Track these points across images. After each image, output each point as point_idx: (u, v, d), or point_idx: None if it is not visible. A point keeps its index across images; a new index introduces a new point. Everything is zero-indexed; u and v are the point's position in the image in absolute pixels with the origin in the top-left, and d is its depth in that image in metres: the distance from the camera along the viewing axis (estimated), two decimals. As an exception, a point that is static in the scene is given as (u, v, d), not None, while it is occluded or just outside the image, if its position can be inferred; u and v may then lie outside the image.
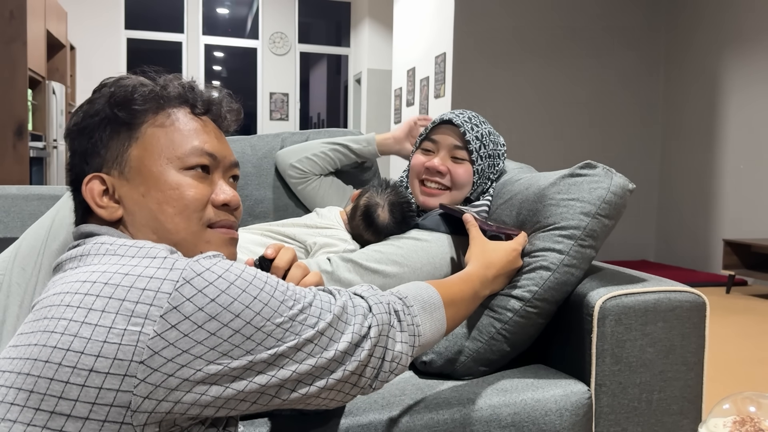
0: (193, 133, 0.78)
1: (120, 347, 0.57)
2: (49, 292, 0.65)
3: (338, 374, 0.68)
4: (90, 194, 0.75)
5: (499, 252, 1.12)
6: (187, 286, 0.61)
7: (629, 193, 1.19)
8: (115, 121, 0.76)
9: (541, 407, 1.07)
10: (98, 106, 0.77)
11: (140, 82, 0.79)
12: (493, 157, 1.42)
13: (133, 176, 0.76)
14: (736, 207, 5.26)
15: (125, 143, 0.76)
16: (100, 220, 0.77)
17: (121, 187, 0.76)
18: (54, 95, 5.11)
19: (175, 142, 0.77)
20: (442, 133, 1.40)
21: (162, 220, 0.75)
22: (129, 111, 0.76)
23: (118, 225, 0.76)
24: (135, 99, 0.77)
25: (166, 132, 0.77)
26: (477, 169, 1.39)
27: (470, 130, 1.37)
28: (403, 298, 0.79)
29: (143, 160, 0.76)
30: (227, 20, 9.54)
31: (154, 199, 0.75)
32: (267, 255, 0.84)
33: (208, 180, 0.79)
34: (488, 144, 1.40)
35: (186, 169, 0.77)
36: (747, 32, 5.17)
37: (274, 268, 0.84)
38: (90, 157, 0.77)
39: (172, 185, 0.75)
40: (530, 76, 5.79)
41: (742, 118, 5.20)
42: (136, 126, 0.77)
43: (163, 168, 0.76)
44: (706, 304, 1.17)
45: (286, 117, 9.20)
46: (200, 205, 0.77)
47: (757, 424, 0.64)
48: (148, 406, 0.58)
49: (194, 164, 0.77)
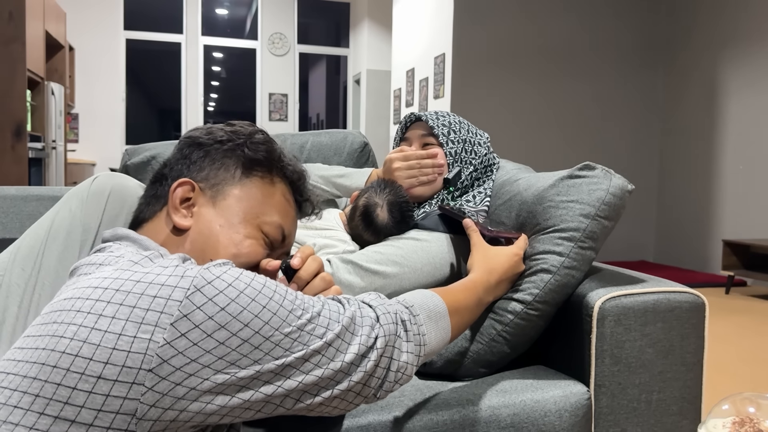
0: (284, 210, 0.87)
1: (129, 355, 0.57)
2: (61, 296, 0.65)
3: (344, 384, 0.68)
4: (175, 194, 0.81)
5: (501, 257, 1.12)
6: (198, 294, 0.61)
7: (628, 194, 1.19)
8: (237, 158, 0.85)
9: (541, 408, 1.07)
10: (228, 137, 0.86)
11: (273, 142, 0.89)
12: (469, 142, 1.45)
13: (222, 207, 0.82)
14: (735, 208, 5.26)
15: (233, 179, 0.84)
16: (159, 223, 0.81)
17: (204, 206, 0.82)
18: (53, 96, 5.11)
19: (268, 206, 0.85)
20: (411, 129, 1.50)
21: (221, 254, 0.80)
22: (253, 158, 0.85)
23: (180, 233, 0.81)
24: (265, 152, 0.86)
25: (269, 193, 0.86)
26: (450, 152, 1.43)
27: (435, 120, 1.45)
28: (410, 307, 0.80)
29: (239, 202, 0.83)
30: (226, 21, 9.54)
31: (226, 236, 0.81)
32: (294, 265, 0.85)
33: (267, 249, 0.86)
34: (458, 130, 1.45)
35: (261, 231, 0.84)
36: (745, 32, 5.18)
37: (297, 278, 0.85)
38: (195, 167, 0.84)
39: (245, 234, 0.82)
40: (529, 76, 5.79)
41: (741, 119, 5.20)
42: (249, 173, 0.85)
43: (247, 217, 0.83)
44: (705, 304, 1.17)
45: (285, 118, 9.20)
46: (251, 262, 0.83)
47: (757, 425, 0.64)
48: (154, 414, 0.58)
49: (268, 233, 0.85)
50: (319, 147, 1.75)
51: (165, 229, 0.81)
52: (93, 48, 8.01)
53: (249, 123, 0.90)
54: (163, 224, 0.81)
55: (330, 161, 1.74)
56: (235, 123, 0.90)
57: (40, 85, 4.92)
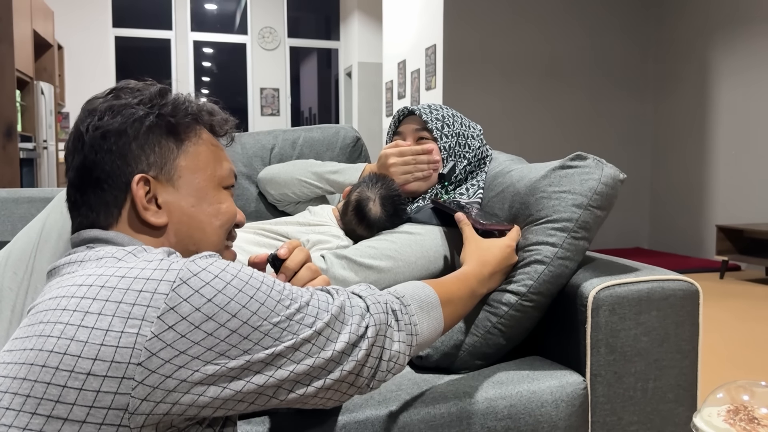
0: (223, 154, 0.84)
1: (117, 350, 0.57)
2: (45, 296, 0.64)
3: (336, 374, 0.68)
4: (139, 195, 0.75)
5: (493, 250, 1.12)
6: (184, 286, 0.61)
7: (620, 183, 1.19)
8: (162, 128, 0.78)
9: (537, 399, 1.07)
10: (141, 110, 0.77)
11: (183, 98, 0.82)
12: (462, 136, 1.44)
13: (182, 186, 0.78)
14: (728, 193, 5.28)
15: (173, 153, 0.78)
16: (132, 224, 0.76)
17: (167, 194, 0.77)
18: (43, 95, 5.08)
19: (215, 161, 0.82)
20: (404, 124, 1.48)
21: (209, 231, 0.79)
22: (177, 123, 0.79)
23: (159, 230, 0.77)
24: (183, 113, 0.80)
25: (208, 149, 0.82)
26: (443, 146, 1.42)
27: (428, 113, 1.44)
28: (401, 297, 0.79)
29: (193, 172, 0.79)
30: (215, 16, 9.49)
31: (204, 212, 0.79)
32: (280, 255, 0.85)
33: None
34: (452, 124, 1.44)
35: (224, 187, 0.83)
36: (737, 17, 5.18)
37: (284, 268, 0.85)
38: (132, 159, 0.76)
39: (218, 199, 0.81)
40: (520, 66, 5.79)
41: (734, 105, 5.21)
42: (181, 139, 0.79)
43: (209, 183, 0.80)
44: (699, 291, 1.17)
45: (277, 112, 9.17)
46: (234, 220, 0.83)
47: (751, 413, 0.65)
48: (146, 408, 0.58)
49: (229, 184, 0.84)
50: (312, 142, 1.75)
51: (137, 232, 0.76)
52: (82, 46, 7.95)
53: (135, 82, 0.81)
54: (131, 229, 0.76)
55: (322, 156, 1.74)
56: (120, 89, 0.80)
57: (29, 84, 4.89)
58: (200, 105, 0.84)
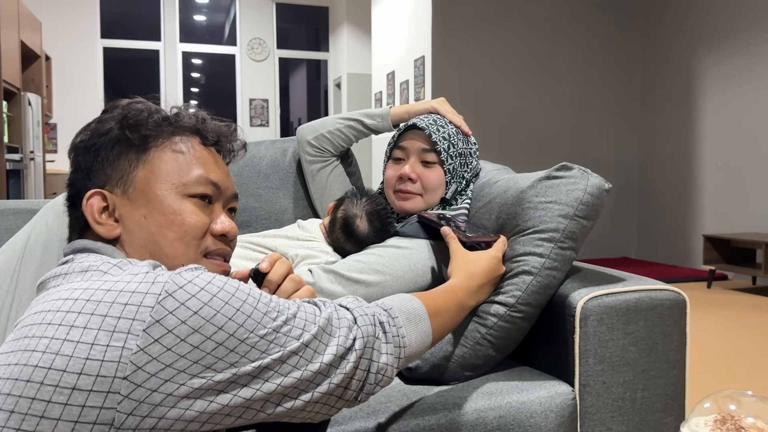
0: (200, 161, 0.81)
1: (103, 364, 0.57)
2: (32, 310, 0.64)
3: (323, 387, 0.68)
4: (90, 210, 0.76)
5: (480, 262, 1.12)
6: (170, 299, 0.60)
7: (606, 192, 1.20)
8: (125, 142, 0.78)
9: (527, 409, 1.07)
10: (108, 125, 0.78)
11: (155, 108, 0.81)
12: (465, 155, 1.43)
13: (136, 197, 0.77)
14: (715, 203, 5.33)
15: (132, 164, 0.78)
16: (97, 237, 0.77)
17: (122, 206, 0.77)
18: (30, 106, 5.05)
19: (182, 169, 0.79)
20: (409, 138, 1.42)
21: (161, 243, 0.76)
22: (140, 134, 0.78)
23: (115, 243, 0.76)
24: (148, 123, 0.79)
25: (175, 157, 0.79)
26: (448, 169, 1.40)
27: (436, 132, 1.39)
28: (388, 309, 0.79)
29: (148, 182, 0.77)
30: (205, 27, 9.49)
31: (156, 222, 0.76)
32: (262, 269, 0.84)
33: (209, 209, 0.81)
34: (457, 143, 1.41)
35: (189, 196, 0.79)
36: (722, 28, 5.25)
37: (267, 282, 0.84)
38: (94, 174, 0.78)
39: (174, 210, 0.77)
40: (508, 75, 5.83)
41: (719, 115, 5.27)
42: (145, 149, 0.78)
43: (167, 192, 0.77)
44: (686, 301, 1.18)
45: (266, 123, 9.17)
46: (200, 232, 0.78)
47: (738, 422, 0.65)
48: (132, 423, 0.57)
49: (198, 192, 0.79)
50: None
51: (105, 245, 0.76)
52: (70, 57, 7.92)
53: (119, 99, 0.83)
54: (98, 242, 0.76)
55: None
56: (107, 108, 0.82)
57: (16, 95, 4.86)
58: (182, 113, 0.83)
